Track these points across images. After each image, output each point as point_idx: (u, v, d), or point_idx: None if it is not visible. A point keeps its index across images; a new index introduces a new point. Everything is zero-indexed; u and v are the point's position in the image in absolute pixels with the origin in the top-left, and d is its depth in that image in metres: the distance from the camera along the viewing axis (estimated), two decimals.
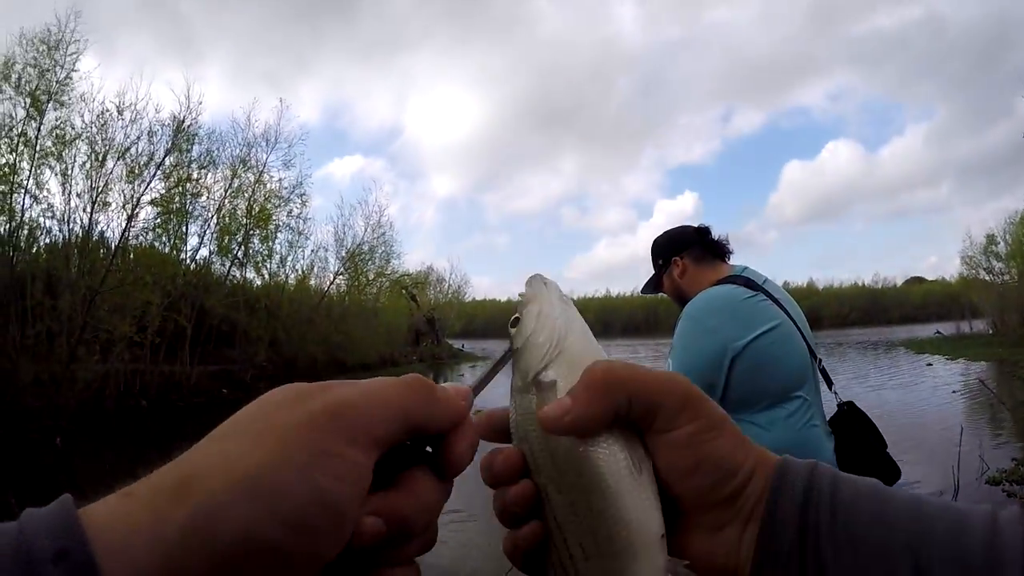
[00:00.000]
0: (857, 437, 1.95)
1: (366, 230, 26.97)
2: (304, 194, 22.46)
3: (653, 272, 2.34)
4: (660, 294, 2.42)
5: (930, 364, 20.01)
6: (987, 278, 29.40)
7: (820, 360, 2.01)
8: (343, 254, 26.15)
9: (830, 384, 2.06)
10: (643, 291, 2.50)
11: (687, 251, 2.20)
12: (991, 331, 28.55)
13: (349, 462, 0.33)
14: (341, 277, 26.14)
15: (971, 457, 6.83)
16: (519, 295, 0.50)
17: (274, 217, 21.55)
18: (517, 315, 0.48)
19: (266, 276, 22.71)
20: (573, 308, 0.47)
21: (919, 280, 79.23)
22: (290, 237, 23.11)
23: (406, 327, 33.03)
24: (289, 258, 23.49)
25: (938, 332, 35.57)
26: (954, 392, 13.40)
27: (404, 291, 33.51)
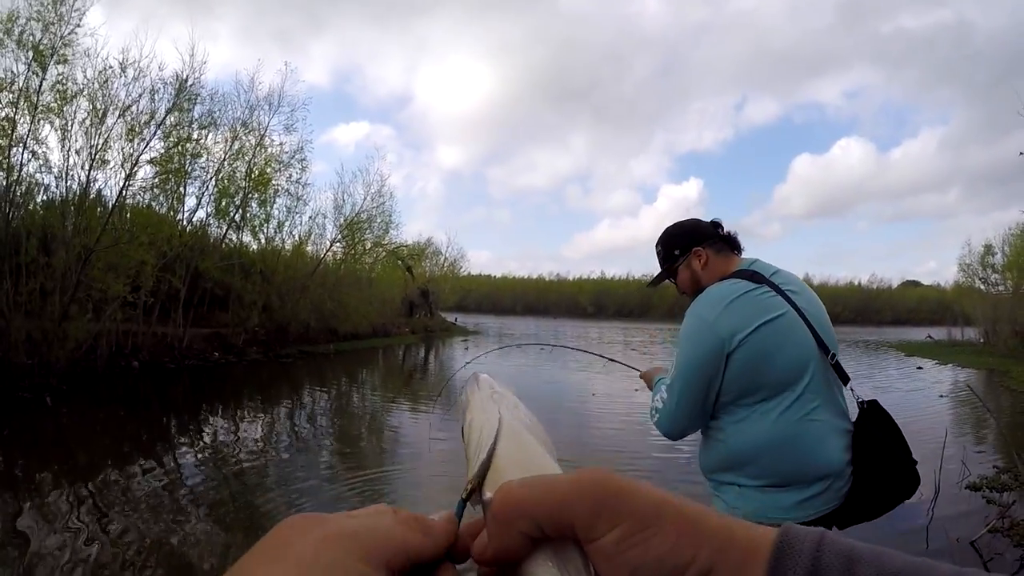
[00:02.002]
0: (875, 439, 1.94)
1: (366, 199, 26.81)
2: (304, 159, 22.20)
3: (664, 263, 2.29)
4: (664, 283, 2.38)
5: (920, 368, 20.17)
6: (982, 288, 29.40)
7: (834, 355, 1.99)
8: (341, 222, 25.99)
9: (846, 381, 2.02)
10: (651, 284, 2.42)
11: (707, 242, 2.19)
12: (982, 340, 28.75)
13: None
14: (338, 245, 25.98)
15: (954, 462, 6.96)
16: (460, 397, 0.48)
17: (273, 182, 21.37)
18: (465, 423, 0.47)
19: (263, 241, 22.63)
20: (494, 408, 0.46)
21: (914, 284, 79.68)
22: (288, 203, 22.97)
23: (400, 298, 33.06)
24: (287, 223, 23.37)
25: (929, 336, 35.92)
26: (941, 397, 13.56)
27: (400, 262, 33.42)
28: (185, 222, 18.44)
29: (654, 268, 2.35)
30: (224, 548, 4.56)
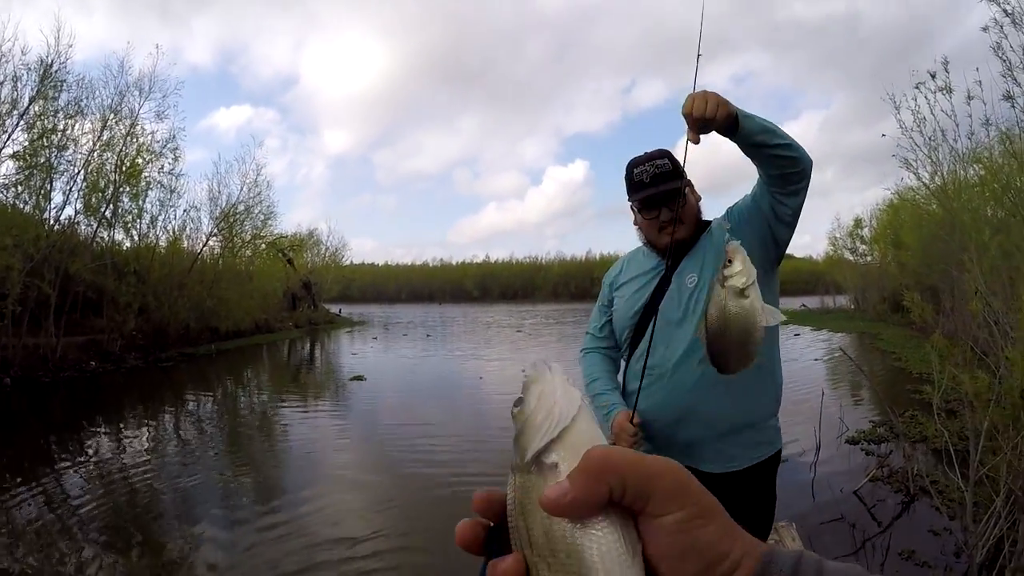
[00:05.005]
0: None
1: (242, 188, 25.80)
2: (177, 148, 21.13)
3: (674, 177, 2.03)
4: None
5: (797, 334, 21.75)
6: (851, 259, 31.90)
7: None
8: (217, 214, 24.92)
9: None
10: (657, 196, 2.04)
11: None
12: (853, 306, 31.39)
13: None
14: (215, 239, 24.89)
15: (832, 419, 7.59)
16: (523, 375, 0.51)
17: (145, 173, 20.16)
18: (520, 395, 0.50)
19: (135, 238, 21.36)
20: (576, 392, 0.49)
21: (788, 256, 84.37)
22: (162, 195, 21.77)
23: (282, 291, 32.12)
24: (160, 218, 22.16)
25: (803, 305, 38.56)
26: (816, 360, 14.77)
27: (281, 254, 32.40)
28: (52, 221, 17.13)
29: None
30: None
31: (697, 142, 1.72)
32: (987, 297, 3.63)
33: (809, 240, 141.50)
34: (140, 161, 19.75)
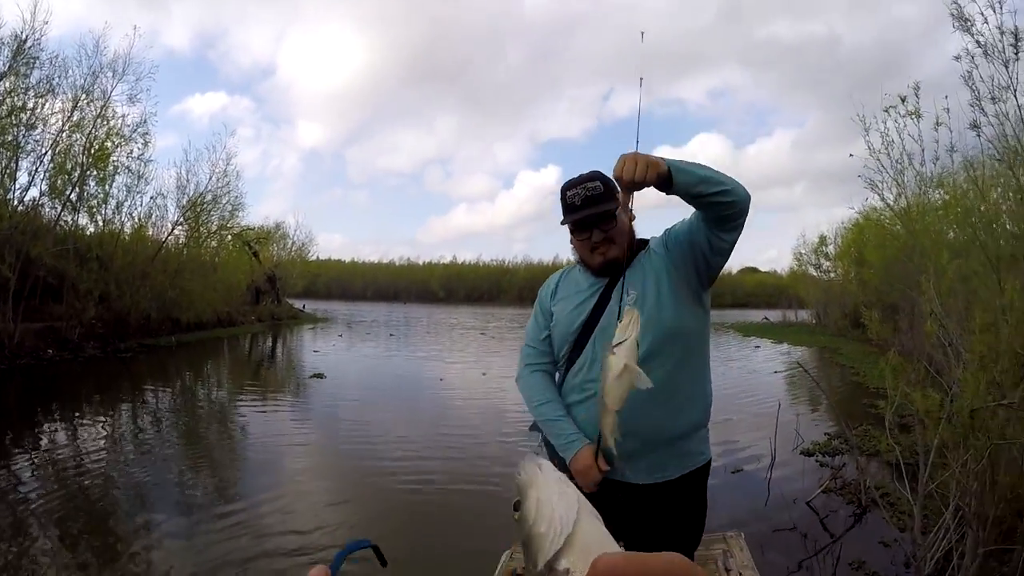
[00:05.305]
0: None
1: (211, 178, 25.29)
2: (147, 133, 20.70)
3: (607, 200, 2.02)
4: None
5: (757, 347, 22.16)
6: (815, 274, 32.40)
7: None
8: (184, 202, 24.44)
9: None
10: (579, 218, 2.04)
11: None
12: (815, 321, 31.89)
13: None
14: (180, 228, 24.43)
15: (789, 430, 7.74)
16: (515, 475, 0.54)
17: (113, 157, 19.77)
18: (518, 498, 0.52)
19: (100, 223, 20.91)
20: (572, 492, 0.51)
21: (753, 270, 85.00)
22: (128, 181, 21.36)
23: (246, 284, 31.68)
24: (126, 204, 21.72)
25: (766, 318, 39.11)
26: (775, 373, 15.04)
27: (246, 246, 31.95)
28: (16, 202, 16.77)
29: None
30: (79, 568, 4.37)
31: (630, 215, 1.90)
32: (942, 319, 3.76)
33: (775, 255, 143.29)
34: (109, 145, 19.38)
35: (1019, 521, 3.55)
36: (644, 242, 2.17)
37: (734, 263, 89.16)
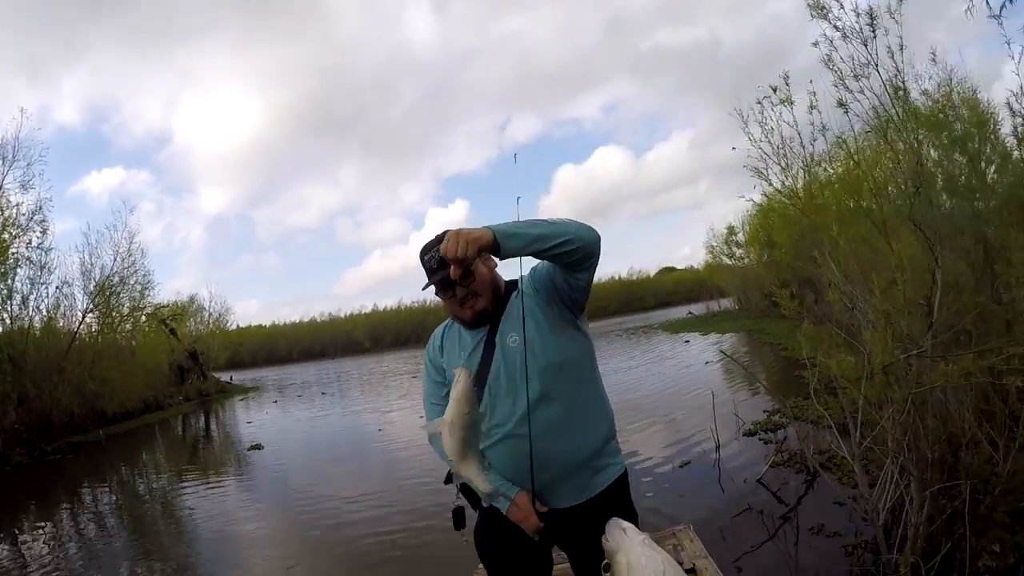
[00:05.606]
0: None
1: (115, 259, 24.27)
2: (45, 220, 19.90)
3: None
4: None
5: (687, 341, 22.72)
6: (729, 263, 33.50)
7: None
8: (91, 288, 23.36)
9: None
10: (438, 283, 2.09)
11: None
12: (737, 307, 32.90)
13: None
14: (91, 315, 23.32)
15: (729, 416, 7.98)
16: (603, 541, 0.60)
17: (12, 249, 18.90)
18: (607, 561, 0.59)
19: (7, 320, 19.89)
20: (656, 550, 0.55)
21: (670, 269, 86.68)
22: (31, 273, 20.34)
23: (167, 364, 30.54)
24: (32, 297, 20.64)
25: (690, 312, 40.10)
26: (708, 363, 15.46)
27: (162, 324, 30.86)
28: None
29: (426, 294, 2.23)
30: None
31: (457, 278, 1.96)
32: (842, 286, 4.02)
33: (689, 251, 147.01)
34: (7, 236, 18.56)
35: (955, 459, 3.78)
36: (514, 283, 2.24)
37: (651, 265, 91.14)
